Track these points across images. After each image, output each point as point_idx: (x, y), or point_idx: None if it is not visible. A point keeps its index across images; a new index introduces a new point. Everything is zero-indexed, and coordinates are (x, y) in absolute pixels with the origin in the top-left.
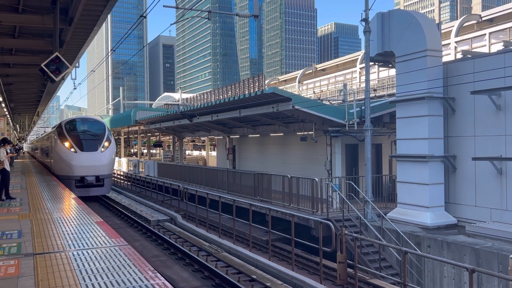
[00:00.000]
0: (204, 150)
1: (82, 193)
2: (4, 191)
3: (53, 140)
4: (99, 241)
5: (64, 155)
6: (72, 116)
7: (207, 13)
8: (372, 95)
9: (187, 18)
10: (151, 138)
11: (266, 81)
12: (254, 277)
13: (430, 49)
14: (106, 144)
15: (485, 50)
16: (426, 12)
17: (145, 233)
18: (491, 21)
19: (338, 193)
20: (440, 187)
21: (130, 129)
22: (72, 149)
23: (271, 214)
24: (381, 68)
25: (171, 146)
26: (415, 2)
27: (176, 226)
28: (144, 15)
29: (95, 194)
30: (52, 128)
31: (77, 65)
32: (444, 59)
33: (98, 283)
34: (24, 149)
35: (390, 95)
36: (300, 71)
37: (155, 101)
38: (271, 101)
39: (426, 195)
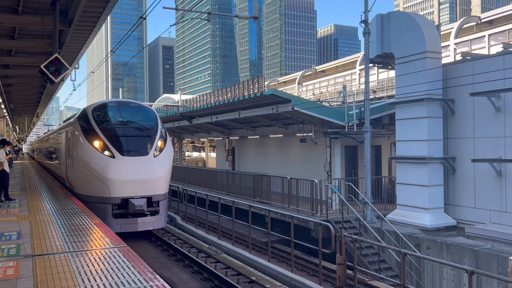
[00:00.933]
0: (204, 151)
1: (124, 227)
2: (3, 192)
3: (73, 138)
4: (98, 243)
5: (93, 163)
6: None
7: (206, 14)
8: (371, 96)
9: (187, 20)
10: None
11: (266, 83)
12: (254, 278)
13: (429, 51)
14: (160, 144)
15: (484, 52)
16: (426, 13)
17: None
18: (491, 23)
19: (338, 195)
20: (440, 188)
21: None
22: (107, 152)
23: (270, 216)
24: (380, 70)
25: None
26: (414, 4)
27: (175, 228)
28: (144, 16)
29: (146, 228)
30: (68, 120)
31: (76, 66)
32: (444, 60)
33: (97, 285)
34: (23, 151)
35: (389, 97)
36: (300, 73)
37: (155, 102)
38: (271, 102)
39: (425, 196)
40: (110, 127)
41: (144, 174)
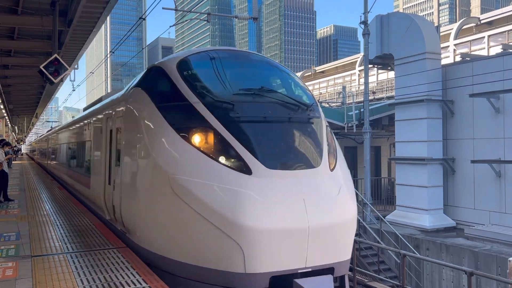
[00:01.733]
0: None
1: None
2: (2, 193)
3: (134, 127)
4: (97, 244)
5: (194, 184)
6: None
7: (206, 15)
8: (371, 97)
9: (186, 20)
10: None
11: None
12: None
13: (429, 52)
14: (330, 141)
15: (484, 53)
16: (425, 14)
17: None
18: (490, 24)
19: None
20: (439, 189)
21: None
22: (228, 161)
23: None
24: (380, 71)
25: None
26: (414, 5)
27: None
28: (144, 17)
29: None
30: (98, 101)
31: (76, 66)
32: (443, 61)
33: (96, 286)
34: (22, 151)
35: (389, 98)
36: (299, 73)
37: None
38: None
39: (425, 197)
40: (230, 101)
41: (323, 214)
